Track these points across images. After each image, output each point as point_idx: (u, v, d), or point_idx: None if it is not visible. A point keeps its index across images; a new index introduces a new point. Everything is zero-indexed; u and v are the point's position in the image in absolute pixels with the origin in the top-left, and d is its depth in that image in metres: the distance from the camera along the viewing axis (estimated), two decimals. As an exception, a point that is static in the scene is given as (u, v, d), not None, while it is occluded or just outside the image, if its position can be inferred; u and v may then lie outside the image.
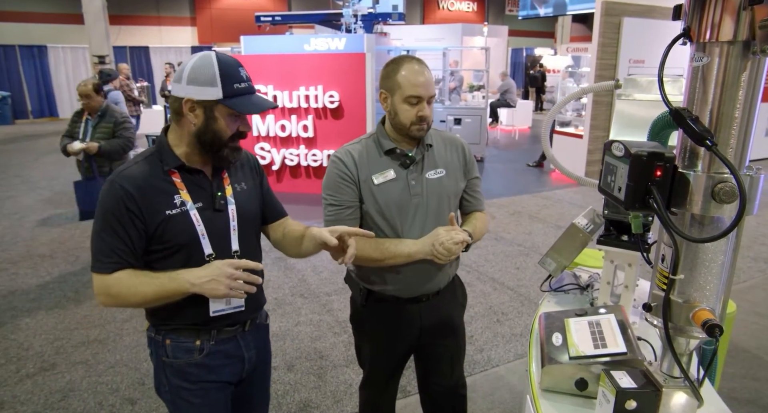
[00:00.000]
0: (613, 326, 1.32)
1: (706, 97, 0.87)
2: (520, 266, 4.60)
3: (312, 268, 4.51)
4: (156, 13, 17.50)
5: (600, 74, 7.11)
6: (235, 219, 1.45)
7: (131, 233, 1.30)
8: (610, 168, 0.94)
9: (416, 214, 1.70)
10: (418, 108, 1.61)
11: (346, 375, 2.98)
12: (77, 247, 5.03)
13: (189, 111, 1.31)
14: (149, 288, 1.29)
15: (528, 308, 3.80)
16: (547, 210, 6.34)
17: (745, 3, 0.77)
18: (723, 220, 0.90)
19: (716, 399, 1.18)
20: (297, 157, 6.69)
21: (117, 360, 3.12)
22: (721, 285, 0.92)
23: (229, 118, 1.34)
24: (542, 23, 21.75)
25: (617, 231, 1.56)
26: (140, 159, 1.38)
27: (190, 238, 1.36)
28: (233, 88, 1.32)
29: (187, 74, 1.30)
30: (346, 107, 6.44)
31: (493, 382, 2.91)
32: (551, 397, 1.25)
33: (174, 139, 1.38)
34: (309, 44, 6.41)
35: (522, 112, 12.76)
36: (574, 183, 7.67)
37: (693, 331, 0.94)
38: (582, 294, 1.79)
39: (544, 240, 5.25)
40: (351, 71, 6.30)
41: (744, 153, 0.87)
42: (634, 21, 7.06)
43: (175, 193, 1.35)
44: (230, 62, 1.33)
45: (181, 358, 1.42)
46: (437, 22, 19.81)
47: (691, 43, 0.87)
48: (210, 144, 1.35)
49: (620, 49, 7.08)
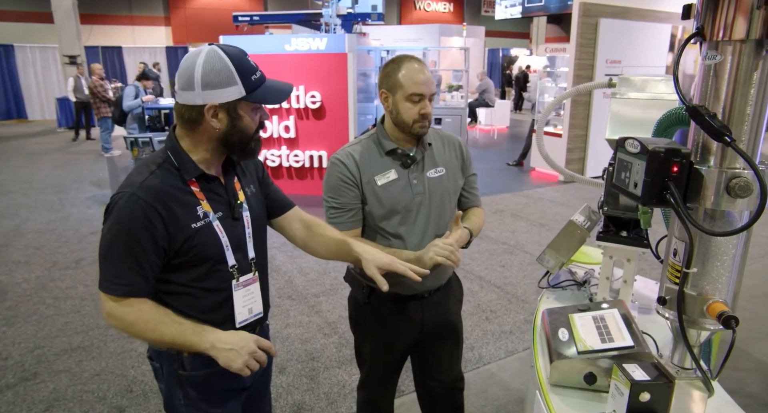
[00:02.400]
0: (617, 320, 1.34)
1: (718, 95, 0.89)
2: (505, 264, 4.65)
3: (298, 270, 4.48)
4: (128, 13, 17.17)
5: (578, 74, 7.23)
6: (250, 226, 1.41)
7: (150, 254, 1.21)
8: (624, 164, 0.96)
9: (419, 213, 1.71)
10: (421, 105, 1.63)
11: (339, 376, 2.97)
12: (53, 252, 4.90)
13: (212, 117, 1.23)
14: (169, 330, 1.22)
15: (516, 305, 3.84)
16: (529, 208, 6.42)
17: (759, 2, 0.79)
18: (733, 214, 0.92)
19: (720, 390, 1.21)
20: (278, 157, 6.63)
21: (102, 368, 3.04)
22: (733, 278, 0.95)
23: (251, 111, 1.28)
24: (517, 24, 22.03)
25: (616, 228, 1.59)
26: (153, 168, 1.25)
27: (216, 251, 1.30)
28: (252, 80, 1.24)
29: (200, 78, 1.19)
30: (328, 107, 6.41)
31: (486, 379, 2.93)
32: (560, 392, 1.26)
33: (189, 145, 1.28)
34: (290, 44, 6.35)
35: (500, 111, 12.90)
36: (554, 181, 7.79)
37: (705, 323, 0.96)
38: (579, 290, 1.82)
39: (527, 238, 5.31)
40: (333, 71, 6.28)
41: (755, 148, 0.89)
42: (611, 22, 7.21)
43: (196, 204, 1.27)
44: (238, 53, 1.24)
45: (201, 370, 1.34)
46: (414, 23, 19.90)
47: (704, 42, 0.89)
48: (238, 144, 1.29)
49: (597, 50, 7.22)
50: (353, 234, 1.71)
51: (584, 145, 7.70)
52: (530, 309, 3.76)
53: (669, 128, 1.11)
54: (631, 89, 1.65)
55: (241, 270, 1.37)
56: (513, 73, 18.58)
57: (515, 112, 16.72)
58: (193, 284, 1.30)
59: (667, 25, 7.89)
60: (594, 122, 7.55)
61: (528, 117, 15.43)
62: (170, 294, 1.30)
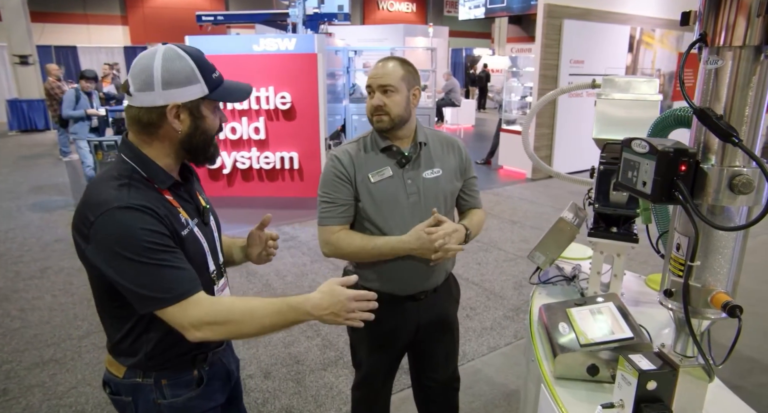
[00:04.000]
0: (614, 313, 1.39)
1: (719, 97, 0.94)
2: (481, 261, 4.73)
3: (275, 272, 4.44)
4: (83, 11, 16.56)
5: (543, 74, 7.41)
6: (217, 230, 1.40)
7: (177, 251, 1.16)
8: (631, 164, 1.00)
9: (413, 213, 1.72)
10: (372, 98, 1.67)
11: (325, 378, 2.96)
12: (16, 262, 4.69)
13: (174, 118, 1.17)
14: (267, 313, 1.16)
15: (494, 302, 3.91)
16: (500, 206, 6.54)
17: (760, 10, 0.85)
18: (731, 210, 0.98)
19: (716, 378, 1.28)
20: (249, 159, 6.54)
21: (78, 380, 2.94)
22: (732, 270, 1.00)
23: (213, 112, 1.23)
24: (480, 24, 22.38)
25: (606, 224, 1.65)
26: (125, 181, 1.15)
27: (201, 258, 1.27)
28: (213, 78, 1.20)
29: (160, 77, 1.13)
30: (299, 108, 6.37)
31: (471, 376, 2.98)
32: (565, 384, 1.30)
33: (153, 152, 1.20)
34: (258, 45, 6.28)
35: (466, 110, 13.09)
36: (521, 179, 7.97)
37: (708, 313, 1.02)
38: (569, 284, 1.88)
39: (500, 236, 5.42)
40: (303, 72, 6.23)
41: (753, 148, 0.95)
42: (574, 23, 7.41)
43: (177, 212, 1.22)
44: (196, 52, 1.20)
45: (182, 395, 1.30)
46: (377, 23, 19.95)
47: (705, 47, 0.94)
48: (201, 146, 1.23)
49: (562, 50, 7.41)
50: (342, 229, 1.73)
51: (550, 142, 7.90)
52: (509, 306, 3.84)
53: (666, 129, 1.17)
54: (615, 90, 1.72)
55: (218, 275, 1.36)
56: (477, 72, 18.89)
57: (479, 111, 17.00)
58: None
59: (626, 26, 8.18)
60: (559, 121, 7.76)
61: (492, 116, 15.71)
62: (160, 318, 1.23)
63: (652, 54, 8.79)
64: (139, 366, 1.27)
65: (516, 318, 3.65)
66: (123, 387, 1.29)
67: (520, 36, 21.89)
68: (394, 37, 13.71)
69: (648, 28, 8.54)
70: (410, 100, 1.69)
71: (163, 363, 1.28)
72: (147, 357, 1.25)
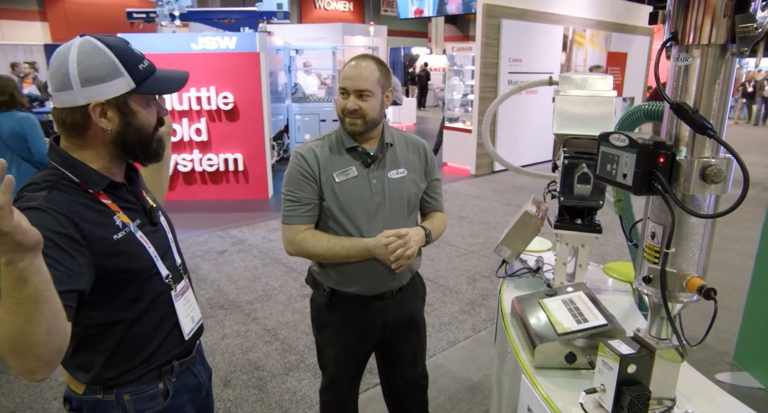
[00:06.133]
0: (585, 301, 1.45)
1: (688, 91, 0.99)
2: (433, 258, 4.79)
3: (226, 277, 4.29)
4: (-7, 5, 15.32)
5: (484, 72, 7.61)
6: (170, 231, 1.34)
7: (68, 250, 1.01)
8: (610, 157, 1.04)
9: (377, 213, 1.72)
10: (346, 100, 1.65)
11: (288, 383, 2.90)
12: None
13: (100, 116, 1.08)
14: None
15: (450, 297, 3.97)
16: (447, 202, 6.63)
17: (727, 11, 0.90)
18: (699, 199, 1.04)
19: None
20: (191, 162, 6.31)
21: (17, 404, 2.72)
22: (702, 255, 1.06)
23: (146, 106, 1.15)
24: (417, 24, 22.66)
25: (570, 216, 1.71)
26: (46, 186, 1.06)
27: (145, 264, 1.19)
28: (140, 70, 1.12)
29: (77, 74, 1.05)
30: (242, 108, 6.21)
31: (434, 371, 3.00)
32: (544, 373, 1.34)
33: (86, 155, 1.12)
34: (197, 43, 6.05)
35: (407, 109, 13.23)
36: (466, 175, 8.15)
37: (682, 297, 1.08)
38: (534, 276, 1.94)
39: (450, 232, 5.51)
40: (245, 71, 6.08)
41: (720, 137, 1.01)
42: (512, 23, 7.66)
43: (112, 215, 1.14)
44: (118, 42, 1.11)
45: (147, 409, 1.23)
46: (314, 22, 19.74)
47: (676, 45, 0.99)
48: (137, 144, 1.16)
49: (501, 49, 7.64)
50: (307, 228, 1.71)
51: (492, 139, 8.12)
52: (464, 300, 3.91)
53: (634, 123, 1.22)
54: (572, 87, 1.78)
55: (175, 279, 1.29)
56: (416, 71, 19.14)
57: (420, 110, 17.24)
58: (129, 306, 1.18)
59: (560, 26, 8.55)
60: (501, 118, 7.99)
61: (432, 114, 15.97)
62: (108, 328, 1.16)
63: (584, 53, 9.23)
64: (99, 382, 1.20)
65: (472, 312, 3.72)
66: (87, 404, 1.22)
67: (455, 35, 22.39)
68: (333, 36, 13.61)
69: (579, 28, 8.96)
70: (383, 103, 1.69)
71: (121, 375, 1.20)
72: (103, 367, 1.18)
